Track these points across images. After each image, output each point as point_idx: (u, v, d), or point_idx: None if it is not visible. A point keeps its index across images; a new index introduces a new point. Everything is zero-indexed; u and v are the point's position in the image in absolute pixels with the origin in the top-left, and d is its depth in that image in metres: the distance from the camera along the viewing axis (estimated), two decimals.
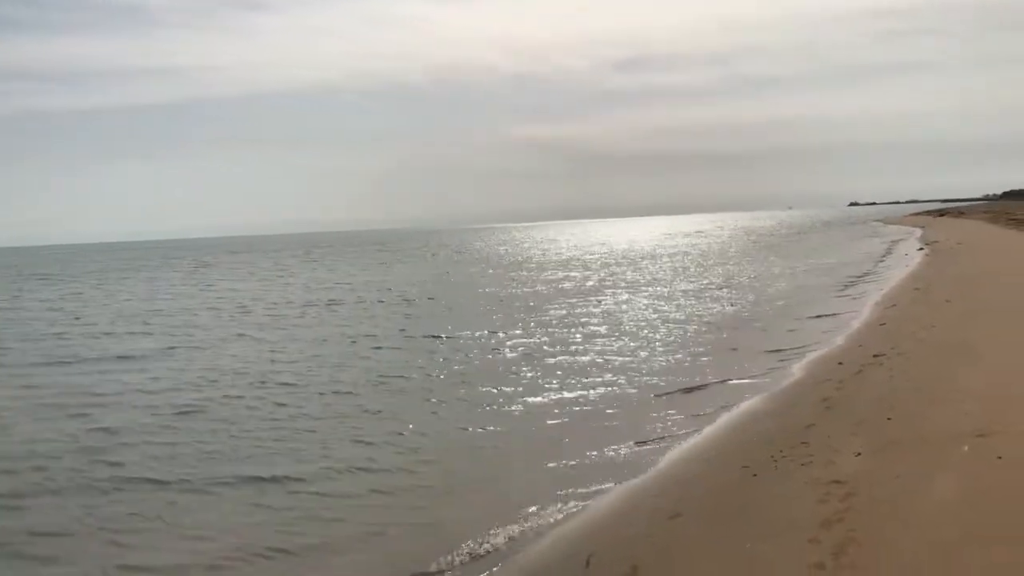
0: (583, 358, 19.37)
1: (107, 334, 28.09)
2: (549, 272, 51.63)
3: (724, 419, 13.32)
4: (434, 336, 23.98)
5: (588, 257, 65.74)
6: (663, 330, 23.62)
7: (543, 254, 76.30)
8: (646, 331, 23.33)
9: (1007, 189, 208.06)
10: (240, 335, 26.28)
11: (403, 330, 26.10)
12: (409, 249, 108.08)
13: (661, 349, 20.28)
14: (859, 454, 9.61)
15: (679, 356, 19.19)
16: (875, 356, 15.71)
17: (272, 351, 22.58)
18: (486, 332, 24.42)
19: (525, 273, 51.51)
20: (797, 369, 16.58)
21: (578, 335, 23.20)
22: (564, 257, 65.73)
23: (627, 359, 19.05)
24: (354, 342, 23.73)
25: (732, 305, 28.90)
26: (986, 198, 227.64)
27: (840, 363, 16.02)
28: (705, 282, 39.09)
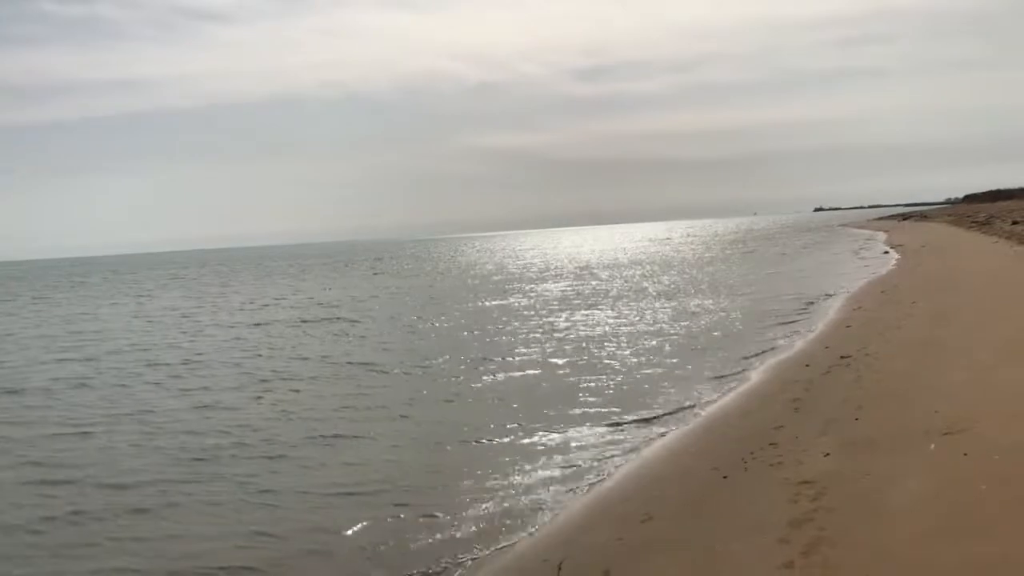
0: (556, 360, 19.29)
1: None
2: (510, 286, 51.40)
3: (693, 421, 13.32)
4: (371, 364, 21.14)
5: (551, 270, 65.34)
6: (639, 331, 23.58)
7: (502, 267, 75.94)
8: (622, 329, 23.31)
9: (968, 192, 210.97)
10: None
11: (345, 355, 22.97)
12: (361, 262, 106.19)
13: (633, 348, 20.23)
14: (828, 454, 9.64)
15: (649, 357, 19.14)
16: (842, 357, 15.82)
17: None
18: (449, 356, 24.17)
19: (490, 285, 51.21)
20: (764, 371, 16.63)
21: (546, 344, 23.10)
22: (535, 269, 64.92)
23: (600, 362, 18.98)
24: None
25: (707, 311, 28.96)
26: (948, 201, 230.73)
27: (807, 365, 16.11)
28: (681, 289, 39.20)
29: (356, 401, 16.52)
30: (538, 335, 24.65)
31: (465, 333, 26.45)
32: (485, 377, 18.36)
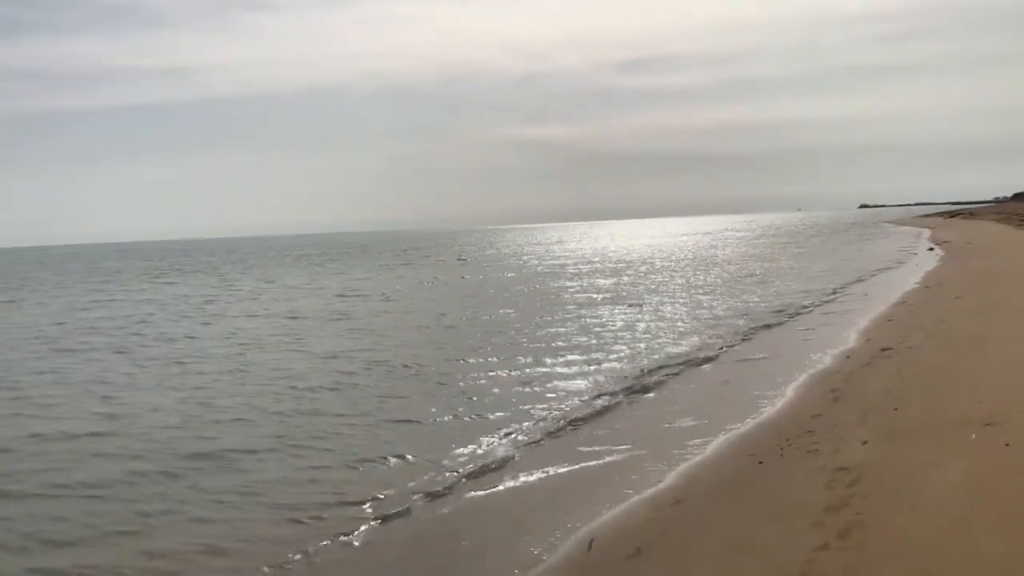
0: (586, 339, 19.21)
1: None
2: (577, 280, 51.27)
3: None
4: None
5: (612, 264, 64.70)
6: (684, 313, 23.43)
7: (563, 258, 75.58)
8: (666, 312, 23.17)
9: (1017, 191, 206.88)
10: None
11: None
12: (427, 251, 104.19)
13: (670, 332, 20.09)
14: (866, 442, 9.53)
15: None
16: (883, 350, 15.63)
17: None
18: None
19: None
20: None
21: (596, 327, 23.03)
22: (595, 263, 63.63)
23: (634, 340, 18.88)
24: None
25: (758, 299, 28.71)
26: (996, 200, 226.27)
27: (847, 356, 15.94)
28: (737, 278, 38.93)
29: None
30: (601, 326, 24.59)
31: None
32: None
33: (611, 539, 7.84)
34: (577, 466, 10.63)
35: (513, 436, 12.05)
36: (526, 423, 12.70)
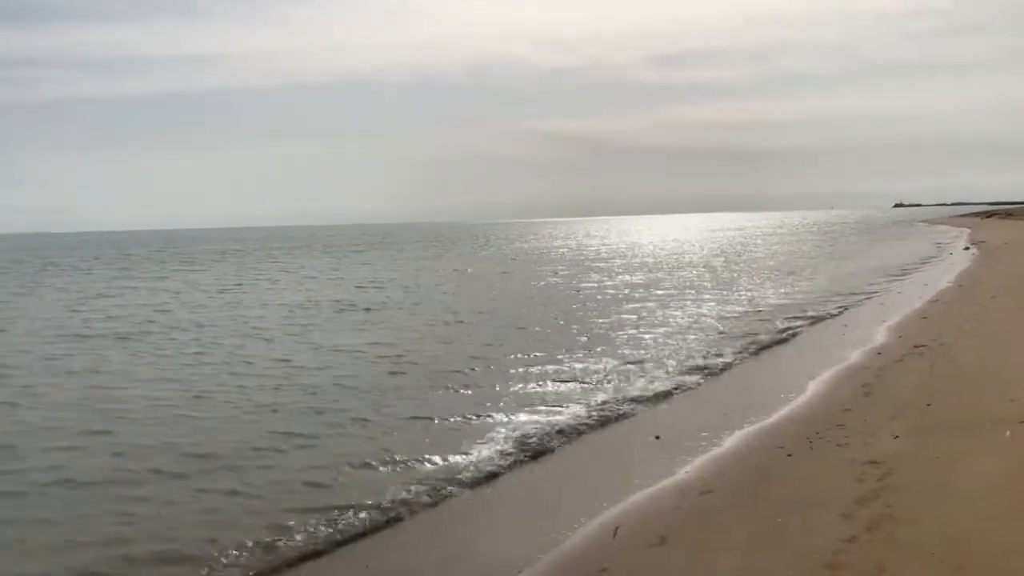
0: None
1: None
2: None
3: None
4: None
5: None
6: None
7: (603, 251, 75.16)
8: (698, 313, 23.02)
9: None
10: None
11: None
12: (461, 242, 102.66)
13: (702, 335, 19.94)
14: (897, 437, 9.42)
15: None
16: (916, 346, 15.42)
17: None
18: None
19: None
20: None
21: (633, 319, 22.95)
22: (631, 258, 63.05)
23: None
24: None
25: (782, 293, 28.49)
26: None
27: (879, 353, 15.75)
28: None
29: None
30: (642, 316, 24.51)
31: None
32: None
33: (636, 527, 7.80)
34: (603, 453, 10.62)
35: (552, 420, 12.06)
36: (565, 408, 12.74)
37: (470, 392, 14.17)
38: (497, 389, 14.23)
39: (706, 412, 12.56)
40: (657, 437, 11.13)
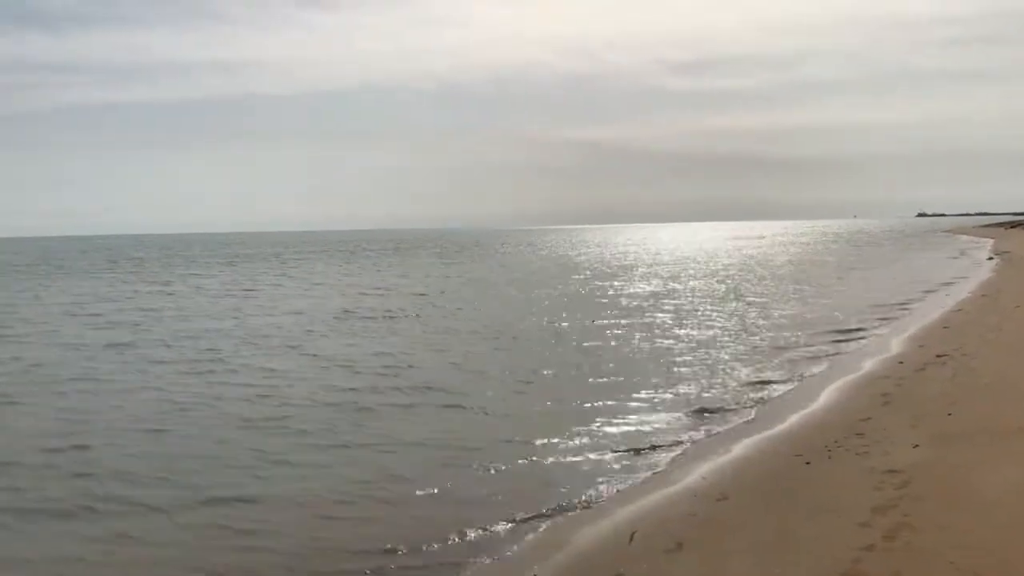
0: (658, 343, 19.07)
1: None
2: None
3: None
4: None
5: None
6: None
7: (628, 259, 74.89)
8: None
9: None
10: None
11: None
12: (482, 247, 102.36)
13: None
14: (917, 446, 9.34)
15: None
16: (938, 356, 15.31)
17: None
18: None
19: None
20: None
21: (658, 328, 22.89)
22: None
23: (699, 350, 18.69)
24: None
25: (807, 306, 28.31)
26: None
27: (900, 362, 15.63)
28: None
29: None
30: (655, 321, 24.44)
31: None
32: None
33: (653, 532, 7.77)
34: (622, 453, 10.63)
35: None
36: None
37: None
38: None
39: (730, 416, 12.51)
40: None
